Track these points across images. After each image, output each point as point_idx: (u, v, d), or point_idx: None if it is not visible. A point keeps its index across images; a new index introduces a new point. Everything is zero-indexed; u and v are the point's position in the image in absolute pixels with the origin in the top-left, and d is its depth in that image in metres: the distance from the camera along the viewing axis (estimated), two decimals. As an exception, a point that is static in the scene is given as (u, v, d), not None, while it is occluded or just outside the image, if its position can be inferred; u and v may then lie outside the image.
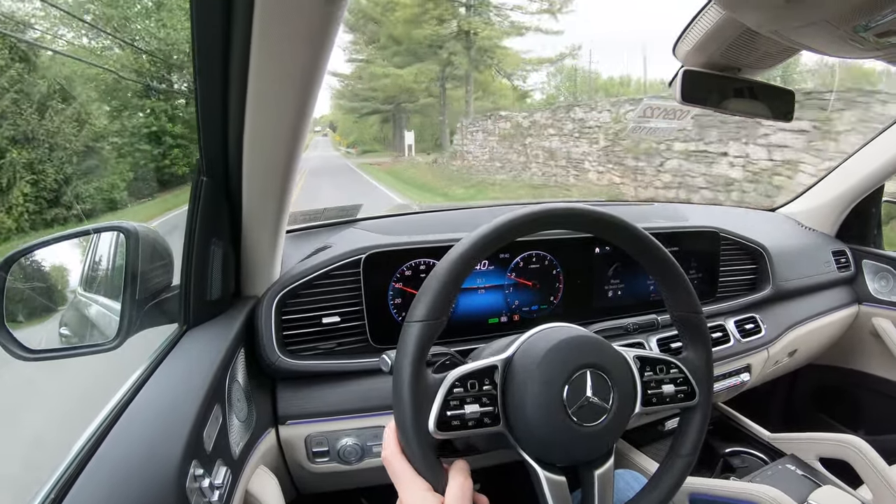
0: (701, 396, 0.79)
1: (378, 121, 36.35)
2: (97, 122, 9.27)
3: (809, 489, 1.24)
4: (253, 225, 0.96)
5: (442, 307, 0.67)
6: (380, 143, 37.61)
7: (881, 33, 0.52)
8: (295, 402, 1.06)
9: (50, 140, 7.66)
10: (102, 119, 9.93)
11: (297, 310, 1.08)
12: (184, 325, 0.92)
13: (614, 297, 1.34)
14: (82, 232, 0.99)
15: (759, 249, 1.59)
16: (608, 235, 0.78)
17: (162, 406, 0.73)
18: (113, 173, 9.10)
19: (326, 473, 1.10)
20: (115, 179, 9.07)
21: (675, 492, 0.76)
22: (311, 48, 0.62)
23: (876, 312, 1.87)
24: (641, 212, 1.68)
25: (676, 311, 0.82)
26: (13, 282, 0.92)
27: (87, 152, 8.30)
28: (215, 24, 0.64)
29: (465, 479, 0.65)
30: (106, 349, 0.91)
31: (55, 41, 10.50)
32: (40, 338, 0.95)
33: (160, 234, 1.01)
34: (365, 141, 39.56)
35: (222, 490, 0.73)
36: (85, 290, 1.13)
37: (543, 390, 0.67)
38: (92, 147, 8.59)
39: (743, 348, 1.47)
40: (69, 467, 0.61)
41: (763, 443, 1.56)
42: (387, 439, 0.69)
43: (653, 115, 1.49)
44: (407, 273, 1.12)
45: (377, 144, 37.79)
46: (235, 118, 0.75)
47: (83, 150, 8.18)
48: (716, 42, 0.88)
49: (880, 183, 1.81)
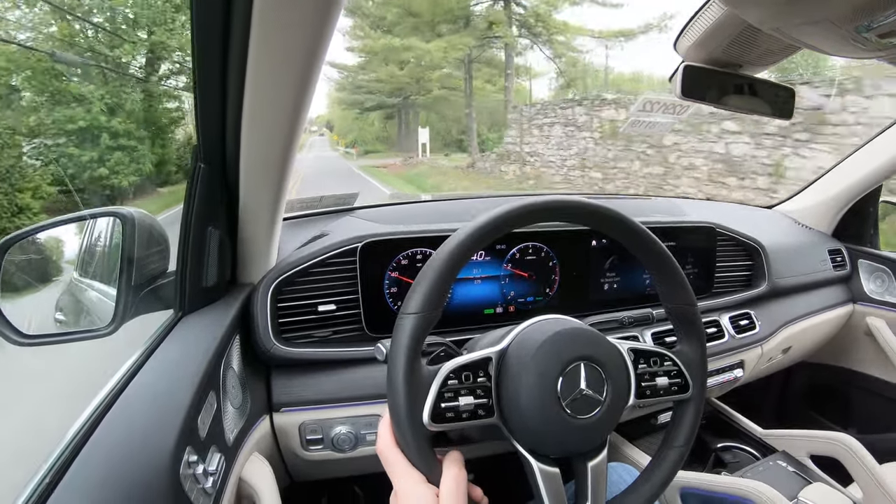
0: (694, 389, 0.79)
1: (381, 118, 34.43)
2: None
3: (800, 486, 1.25)
4: (250, 212, 0.95)
5: (437, 299, 0.67)
6: (382, 143, 35.87)
7: (883, 34, 0.52)
8: (289, 389, 1.06)
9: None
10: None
11: (293, 297, 1.08)
12: (179, 312, 0.92)
13: (610, 290, 1.34)
14: (78, 217, 0.99)
15: (755, 246, 1.59)
16: (604, 228, 0.78)
17: (156, 392, 0.73)
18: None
19: (320, 461, 1.11)
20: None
21: (668, 482, 0.77)
22: (310, 33, 0.62)
23: (870, 312, 1.88)
24: (639, 206, 1.68)
25: (671, 304, 0.82)
26: (8, 267, 0.92)
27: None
28: (215, 9, 0.63)
29: (460, 470, 0.65)
30: (101, 335, 0.91)
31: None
32: (36, 323, 0.96)
33: (157, 220, 1.01)
34: (366, 140, 37.24)
35: (216, 476, 0.73)
36: (81, 276, 1.13)
37: (537, 382, 0.67)
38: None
39: (737, 344, 1.48)
40: (63, 452, 0.61)
41: (755, 439, 1.57)
42: (381, 431, 0.69)
43: (652, 110, 1.48)
44: (403, 262, 1.13)
45: (380, 144, 36.00)
46: (234, 104, 0.74)
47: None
48: (717, 38, 0.87)
49: (878, 183, 1.82)
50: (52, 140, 7.84)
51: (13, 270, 0.95)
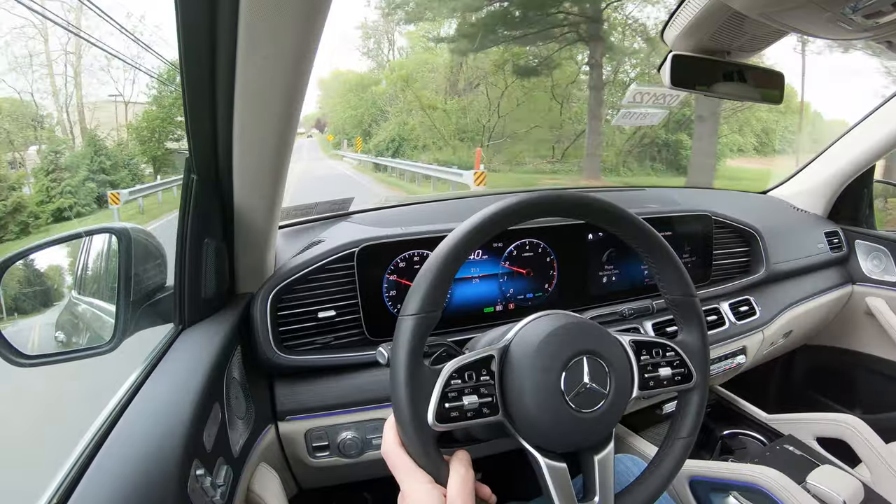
0: (698, 378, 0.79)
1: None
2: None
3: (808, 469, 1.25)
4: (245, 222, 0.95)
5: (436, 300, 0.67)
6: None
7: (869, 14, 0.52)
8: (293, 397, 1.06)
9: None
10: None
11: (292, 305, 1.08)
12: (179, 325, 0.92)
13: (609, 283, 1.34)
14: (74, 235, 0.99)
15: (752, 232, 1.59)
16: (600, 221, 0.78)
17: (160, 407, 0.73)
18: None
19: (327, 467, 1.10)
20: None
21: (675, 473, 0.77)
22: (298, 40, 0.62)
23: (869, 292, 1.88)
24: (633, 197, 1.68)
25: (670, 295, 0.82)
26: (6, 288, 0.91)
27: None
28: (201, 18, 0.63)
29: (467, 471, 0.65)
30: (102, 352, 0.91)
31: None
32: (36, 343, 0.95)
33: (152, 235, 1.01)
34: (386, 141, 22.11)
35: (224, 489, 0.73)
36: (79, 294, 1.13)
37: (541, 378, 0.67)
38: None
39: (738, 331, 1.48)
40: (70, 472, 0.61)
41: (761, 424, 1.57)
42: (386, 433, 0.69)
43: (642, 101, 1.49)
44: (401, 265, 1.12)
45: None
46: (224, 114, 0.74)
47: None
48: (704, 26, 0.88)
49: (871, 163, 1.82)
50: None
51: (11, 291, 0.95)
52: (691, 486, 1.25)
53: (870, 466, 1.32)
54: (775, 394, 2.16)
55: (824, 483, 1.20)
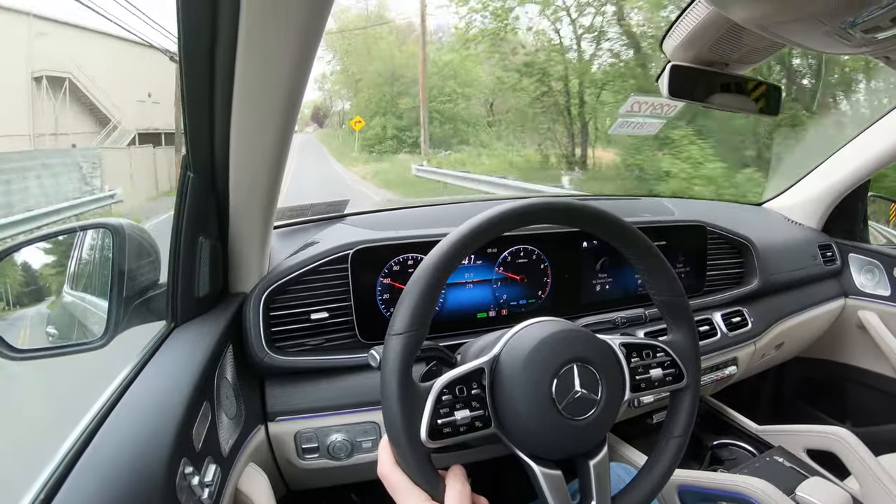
0: (689, 377, 0.79)
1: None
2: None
3: (797, 480, 1.26)
4: (240, 221, 0.95)
5: (422, 316, 0.67)
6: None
7: (868, 29, 0.52)
8: (284, 398, 1.05)
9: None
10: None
11: (285, 306, 1.08)
12: (171, 323, 0.92)
13: (602, 291, 1.34)
14: (68, 230, 0.99)
15: (745, 243, 1.60)
16: (589, 227, 0.78)
17: (150, 404, 0.72)
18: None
19: (316, 469, 1.10)
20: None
21: (669, 474, 0.77)
22: (298, 39, 0.62)
23: (862, 305, 1.89)
24: (627, 206, 1.69)
25: (659, 297, 0.82)
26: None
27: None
28: (201, 17, 0.63)
29: (463, 486, 0.65)
30: (93, 348, 0.91)
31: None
32: (27, 337, 0.95)
33: (147, 231, 1.01)
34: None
35: (212, 488, 0.73)
36: (72, 289, 1.12)
37: (532, 389, 0.67)
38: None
39: (730, 341, 1.48)
40: (58, 467, 0.60)
41: (751, 435, 1.58)
42: (381, 455, 0.68)
43: (640, 111, 1.49)
44: (395, 268, 1.12)
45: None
46: (222, 112, 0.74)
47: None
48: (703, 37, 0.88)
49: (867, 178, 1.83)
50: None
51: (2, 285, 0.94)
52: (680, 496, 1.25)
53: (859, 479, 1.32)
54: (766, 405, 2.17)
55: (814, 495, 1.20)
